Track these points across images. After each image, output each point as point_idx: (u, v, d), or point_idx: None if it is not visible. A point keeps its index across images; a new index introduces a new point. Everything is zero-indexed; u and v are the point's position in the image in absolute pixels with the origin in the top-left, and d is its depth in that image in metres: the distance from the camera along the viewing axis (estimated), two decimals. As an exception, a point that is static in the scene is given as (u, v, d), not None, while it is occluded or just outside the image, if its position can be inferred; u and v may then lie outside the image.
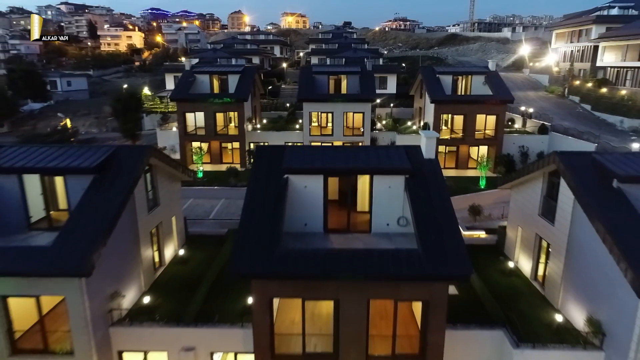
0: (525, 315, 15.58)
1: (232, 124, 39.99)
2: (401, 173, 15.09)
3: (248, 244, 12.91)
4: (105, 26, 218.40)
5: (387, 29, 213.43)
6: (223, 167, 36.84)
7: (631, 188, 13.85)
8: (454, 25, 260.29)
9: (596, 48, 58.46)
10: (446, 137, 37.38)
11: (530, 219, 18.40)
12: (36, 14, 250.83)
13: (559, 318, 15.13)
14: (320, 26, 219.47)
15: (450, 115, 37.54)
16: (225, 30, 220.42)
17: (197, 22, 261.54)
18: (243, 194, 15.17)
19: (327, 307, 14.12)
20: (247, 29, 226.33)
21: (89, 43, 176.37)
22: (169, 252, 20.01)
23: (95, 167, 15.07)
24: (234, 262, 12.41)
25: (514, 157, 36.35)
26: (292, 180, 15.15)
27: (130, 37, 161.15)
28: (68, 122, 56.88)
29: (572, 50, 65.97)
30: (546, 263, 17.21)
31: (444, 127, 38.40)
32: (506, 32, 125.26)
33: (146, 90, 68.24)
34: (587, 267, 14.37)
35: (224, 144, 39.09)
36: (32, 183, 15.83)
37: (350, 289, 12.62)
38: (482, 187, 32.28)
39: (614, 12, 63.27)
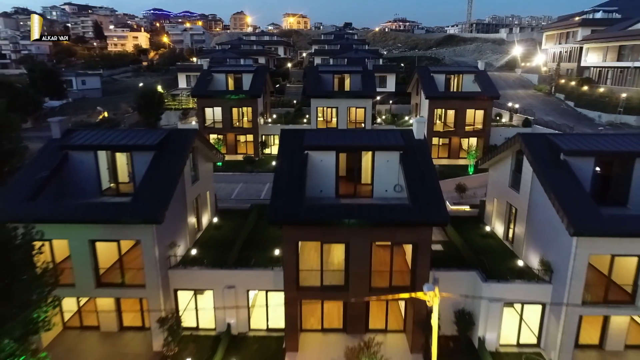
0: (495, 263, 19.65)
1: (245, 119, 44.02)
2: (397, 149, 19.17)
3: (280, 201, 16.98)
4: (111, 27, 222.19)
5: (386, 30, 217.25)
6: (238, 157, 40.89)
7: (573, 159, 17.95)
8: (452, 26, 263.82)
9: (582, 49, 62.56)
10: (439, 130, 41.49)
11: (503, 191, 22.50)
12: (40, 14, 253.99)
13: (520, 264, 19.26)
14: (321, 27, 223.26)
15: (443, 110, 41.63)
16: (228, 31, 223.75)
17: (200, 23, 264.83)
18: (259, 178, 18.99)
19: (339, 250, 18.19)
20: (250, 29, 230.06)
21: (94, 43, 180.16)
22: (205, 220, 24.11)
23: (156, 145, 19.16)
24: (271, 213, 16.51)
25: (501, 148, 40.35)
26: (310, 156, 19.23)
27: (137, 37, 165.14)
28: (105, 114, 61.04)
29: (560, 51, 70.10)
30: (514, 225, 21.31)
31: (437, 121, 42.48)
32: (502, 34, 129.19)
33: (159, 89, 72.15)
34: (541, 222, 18.46)
35: (238, 136, 43.16)
36: (103, 158, 19.94)
37: (358, 233, 16.69)
38: (471, 173, 36.37)
39: (599, 15, 67.40)
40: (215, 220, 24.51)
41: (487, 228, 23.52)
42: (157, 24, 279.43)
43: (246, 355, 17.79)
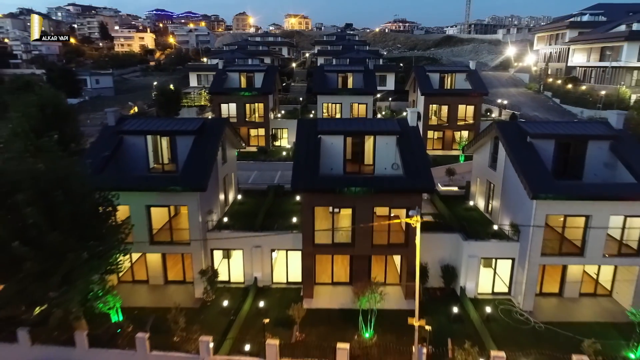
0: (476, 229, 23.74)
1: (257, 114, 48.12)
2: (394, 134, 23.30)
3: (300, 174, 21.09)
4: (116, 27, 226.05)
5: (387, 30, 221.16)
6: (251, 149, 44.95)
7: (537, 141, 22.09)
8: (451, 27, 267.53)
9: (569, 50, 66.69)
10: (434, 124, 45.63)
11: (484, 171, 26.64)
12: (46, 15, 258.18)
13: (495, 227, 23.39)
14: (322, 27, 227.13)
15: (437, 106, 45.77)
16: (231, 32, 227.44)
17: (203, 23, 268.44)
18: (271, 166, 22.59)
19: (347, 214, 22.30)
20: (252, 30, 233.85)
21: (100, 44, 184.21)
22: (231, 196, 28.25)
23: (196, 130, 23.30)
24: (294, 182, 20.65)
25: (490, 140, 44.52)
26: (323, 139, 23.35)
27: (142, 38, 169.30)
28: (136, 108, 65.04)
29: (550, 52, 74.25)
30: (492, 199, 25.44)
31: (433, 116, 46.59)
32: (499, 35, 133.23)
33: (171, 87, 76.26)
34: (511, 193, 22.58)
35: (251, 130, 47.28)
36: (151, 142, 24.07)
37: (362, 199, 20.78)
38: (461, 161, 40.47)
39: (585, 18, 71.56)
40: (239, 197, 28.65)
41: (471, 203, 27.69)
42: (160, 25, 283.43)
43: (270, 301, 21.87)
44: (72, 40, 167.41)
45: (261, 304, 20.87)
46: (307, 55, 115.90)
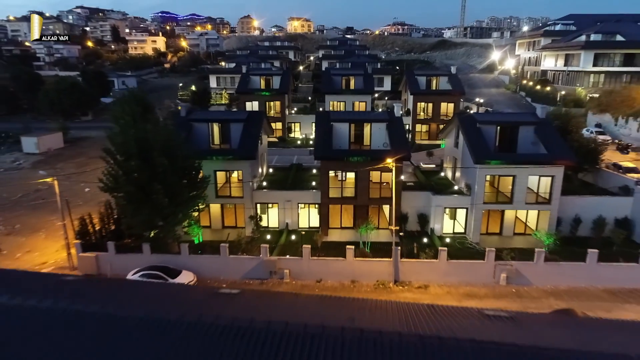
0: (442, 189, 33.42)
1: (274, 110, 57.81)
2: (384, 122, 33.01)
3: (320, 147, 30.84)
4: (126, 30, 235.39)
5: (386, 34, 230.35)
6: (271, 139, 54.58)
7: (483, 126, 31.80)
8: (448, 29, 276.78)
9: (542, 56, 76.42)
10: (422, 118, 55.33)
11: (451, 150, 36.35)
12: (57, 18, 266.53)
13: (456, 188, 33.11)
14: (324, 30, 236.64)
15: (424, 103, 55.49)
16: (236, 34, 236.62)
17: (209, 26, 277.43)
18: (289, 152, 31.93)
19: (351, 176, 31.99)
20: (256, 32, 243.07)
21: (112, 46, 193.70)
22: (264, 170, 37.99)
23: (245, 119, 33.04)
24: (316, 153, 30.46)
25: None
26: (334, 125, 33.06)
27: (155, 41, 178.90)
28: (179, 107, 74.48)
29: (529, 57, 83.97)
30: (455, 170, 35.13)
31: (421, 112, 56.26)
32: (490, 39, 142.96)
33: (193, 88, 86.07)
34: (466, 163, 32.26)
35: (270, 123, 56.85)
36: (211, 127, 33.80)
37: (362, 165, 30.45)
38: (442, 147, 50.12)
39: (558, 27, 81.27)
40: (270, 171, 38.42)
41: (442, 174, 37.44)
42: (167, 27, 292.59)
43: (298, 237, 31.56)
44: (90, 43, 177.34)
45: (292, 237, 30.62)
46: (311, 58, 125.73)
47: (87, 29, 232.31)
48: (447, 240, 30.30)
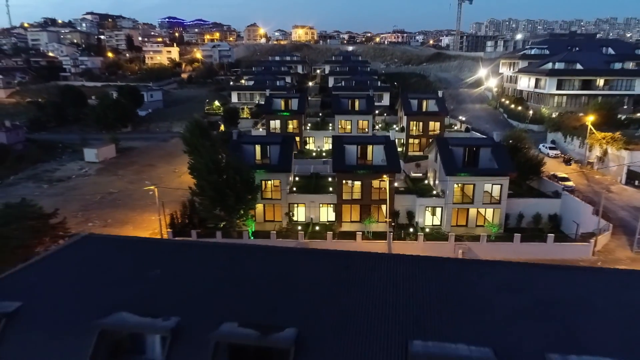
0: (425, 193, 45.66)
1: (292, 126, 70.02)
2: (382, 144, 45.26)
3: (336, 163, 43.16)
4: (139, 38, 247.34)
5: (385, 42, 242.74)
6: (290, 150, 66.89)
7: (454, 147, 44.06)
8: (447, 35, 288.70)
9: (518, 77, 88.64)
10: (414, 134, 67.63)
11: (432, 163, 48.63)
12: (71, 25, 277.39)
13: (435, 192, 45.42)
14: (328, 39, 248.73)
15: (416, 122, 67.79)
16: (244, 42, 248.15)
17: (217, 34, 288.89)
18: (307, 162, 44.41)
19: (358, 183, 44.27)
20: (262, 40, 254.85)
21: (127, 54, 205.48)
22: (291, 178, 50.30)
23: (281, 141, 45.38)
24: (334, 167, 42.84)
25: (451, 145, 66.46)
26: (346, 147, 45.33)
27: (170, 52, 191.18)
28: (222, 127, 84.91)
29: (510, 75, 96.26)
30: (435, 178, 47.37)
31: (413, 128, 68.48)
32: (481, 53, 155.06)
33: (217, 103, 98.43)
34: (441, 174, 44.47)
35: (289, 138, 69.24)
36: (256, 148, 46.13)
37: (366, 176, 42.70)
38: (429, 159, 62.41)
39: (533, 52, 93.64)
40: (296, 179, 50.78)
41: (426, 181, 49.80)
42: (176, 34, 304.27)
43: (321, 228, 43.77)
44: (110, 54, 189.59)
45: (316, 228, 42.99)
46: (317, 71, 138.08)
47: (102, 37, 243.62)
48: (427, 230, 42.59)
